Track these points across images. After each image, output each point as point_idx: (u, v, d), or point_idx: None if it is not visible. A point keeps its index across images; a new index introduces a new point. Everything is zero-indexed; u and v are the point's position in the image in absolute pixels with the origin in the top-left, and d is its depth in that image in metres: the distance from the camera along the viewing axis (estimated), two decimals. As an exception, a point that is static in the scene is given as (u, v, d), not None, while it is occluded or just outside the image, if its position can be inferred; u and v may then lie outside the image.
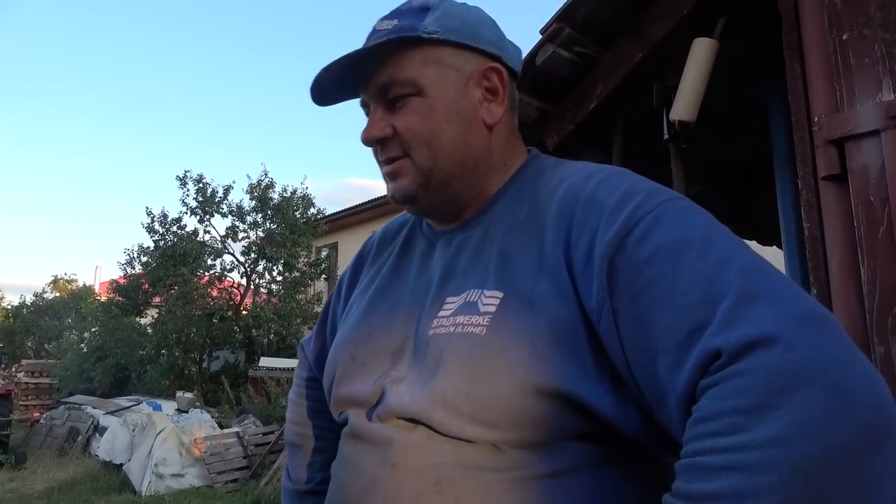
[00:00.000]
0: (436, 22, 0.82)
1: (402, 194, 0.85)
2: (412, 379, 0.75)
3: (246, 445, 8.06)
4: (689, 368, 0.58)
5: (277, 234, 14.42)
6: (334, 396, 0.87)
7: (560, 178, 0.81)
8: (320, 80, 0.84)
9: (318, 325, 1.08)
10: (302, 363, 1.12)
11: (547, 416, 0.67)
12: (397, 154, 0.83)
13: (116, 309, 15.16)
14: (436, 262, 0.86)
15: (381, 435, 0.75)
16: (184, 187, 14.37)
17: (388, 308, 0.86)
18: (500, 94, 0.86)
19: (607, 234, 0.68)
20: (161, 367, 13.81)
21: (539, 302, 0.70)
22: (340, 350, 0.89)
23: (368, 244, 1.05)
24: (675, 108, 2.15)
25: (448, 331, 0.74)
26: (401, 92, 0.82)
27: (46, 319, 24.80)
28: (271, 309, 14.08)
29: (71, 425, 11.08)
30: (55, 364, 16.88)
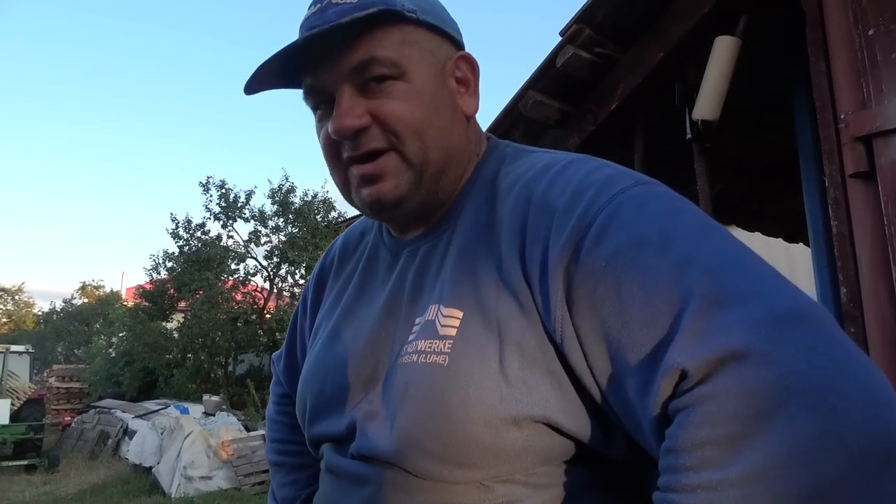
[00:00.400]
0: (410, 1, 0.72)
1: (390, 198, 0.72)
2: (383, 415, 0.68)
3: (272, 448, 8.16)
4: (656, 391, 0.52)
5: (299, 237, 14.54)
6: (309, 434, 0.80)
7: (515, 175, 0.72)
8: (269, 65, 0.71)
9: (287, 342, 1.00)
10: (275, 380, 1.05)
11: (526, 446, 0.61)
12: (380, 146, 0.70)
13: (143, 314, 15.42)
14: (400, 277, 0.77)
15: (359, 473, 0.69)
16: (207, 193, 14.58)
17: (356, 333, 0.77)
18: (471, 84, 0.78)
19: (559, 242, 0.61)
20: (187, 370, 14.01)
21: (504, 322, 0.63)
22: (309, 383, 0.80)
23: (329, 255, 0.94)
24: (698, 107, 2.14)
25: (412, 360, 0.66)
26: (382, 72, 0.70)
27: (76, 325, 25.30)
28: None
29: (101, 429, 11.30)
30: (85, 369, 17.21)
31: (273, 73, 0.73)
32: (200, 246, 14.62)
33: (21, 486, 8.58)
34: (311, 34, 0.68)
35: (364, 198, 0.73)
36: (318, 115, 0.76)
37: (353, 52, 0.70)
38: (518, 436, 0.61)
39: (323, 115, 0.74)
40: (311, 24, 0.70)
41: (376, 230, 0.86)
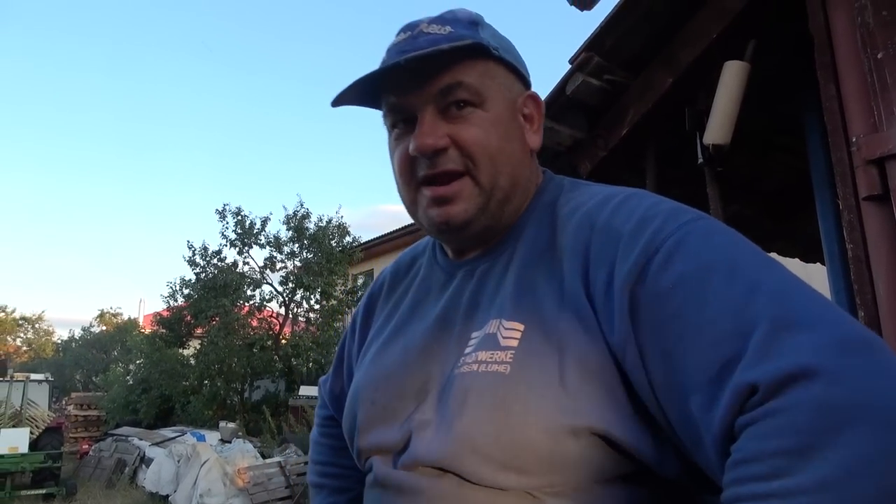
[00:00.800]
0: (493, 39, 0.79)
1: (458, 220, 0.77)
2: (437, 423, 0.70)
3: (288, 475, 8.11)
4: (724, 405, 0.54)
5: (314, 263, 14.62)
6: (357, 445, 0.82)
7: (576, 203, 0.77)
8: (362, 81, 0.76)
9: (334, 365, 1.04)
10: (321, 403, 1.09)
11: (582, 458, 0.63)
12: (455, 169, 0.76)
13: (160, 341, 15.52)
14: (455, 294, 0.80)
15: (409, 484, 0.70)
16: (223, 220, 14.74)
17: (407, 347, 0.81)
18: (535, 121, 0.84)
19: (626, 265, 0.64)
20: (204, 397, 14.04)
21: (564, 336, 0.66)
22: (360, 395, 0.83)
23: (380, 280, 0.99)
24: (709, 131, 2.15)
25: (472, 369, 0.69)
26: (465, 97, 0.76)
27: (94, 353, 25.54)
28: (310, 337, 14.22)
29: (118, 457, 11.31)
30: (103, 396, 17.30)
31: (358, 90, 0.78)
32: (217, 272, 14.73)
33: (39, 516, 8.60)
34: (413, 56, 0.73)
35: (433, 218, 0.78)
36: (395, 133, 0.81)
37: (441, 77, 0.75)
38: (574, 446, 0.63)
39: (400, 135, 0.80)
40: (403, 49, 0.76)
41: (429, 253, 0.92)
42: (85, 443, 14.88)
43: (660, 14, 2.22)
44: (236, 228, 14.74)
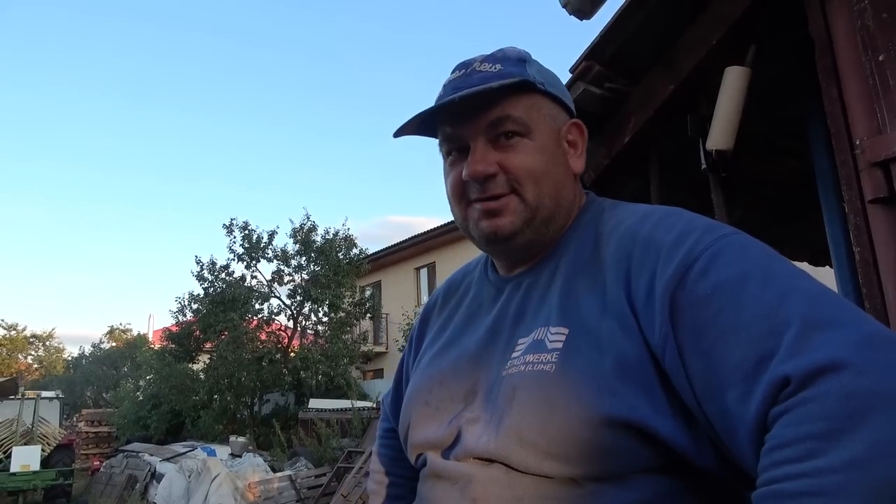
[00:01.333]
0: (539, 74, 0.88)
1: (504, 231, 0.85)
2: (486, 419, 0.77)
3: (298, 488, 8.10)
4: (759, 398, 0.59)
5: (322, 275, 14.67)
6: (411, 441, 0.89)
7: (617, 219, 0.84)
8: (420, 116, 0.86)
9: (395, 379, 1.13)
10: (382, 416, 1.17)
11: (620, 447, 0.68)
12: (502, 191, 0.84)
13: (170, 356, 15.57)
14: (504, 306, 0.88)
15: (460, 471, 0.77)
16: (230, 235, 14.83)
17: (459, 355, 0.89)
18: (579, 147, 0.92)
19: (667, 272, 0.71)
20: (214, 411, 14.06)
21: (605, 339, 0.72)
22: (414, 397, 0.91)
23: (434, 296, 1.09)
24: (711, 137, 2.14)
25: (519, 370, 0.76)
26: (513, 129, 0.84)
27: (104, 369, 25.63)
28: (318, 350, 14.24)
29: (129, 473, 11.33)
30: (113, 412, 17.36)
31: (416, 123, 0.88)
32: (225, 287, 14.81)
33: (51, 533, 8.61)
34: (467, 94, 0.82)
35: (483, 229, 0.86)
36: (450, 160, 0.90)
37: (491, 111, 0.84)
38: (613, 436, 0.68)
39: (454, 161, 0.89)
40: (458, 86, 0.85)
41: (480, 270, 1.01)
42: (96, 459, 14.92)
43: (659, 21, 2.22)
44: (244, 243, 14.82)
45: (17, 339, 32.58)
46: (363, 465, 7.63)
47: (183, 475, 8.51)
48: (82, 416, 18.40)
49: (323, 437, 9.53)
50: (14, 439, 10.82)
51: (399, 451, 1.06)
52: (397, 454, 1.06)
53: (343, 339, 14.83)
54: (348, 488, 7.41)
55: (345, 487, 7.48)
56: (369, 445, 8.05)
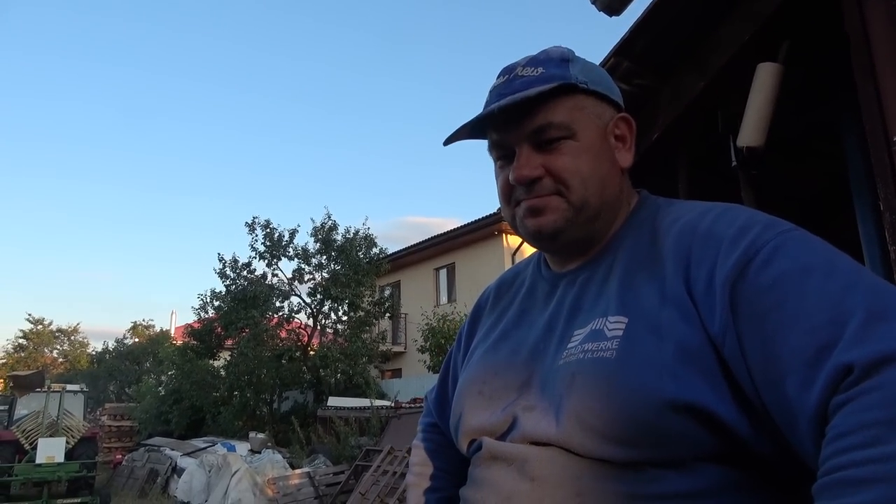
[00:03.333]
0: (581, 73, 0.88)
1: (549, 229, 0.87)
2: (543, 407, 0.79)
3: (317, 485, 8.14)
4: (820, 386, 0.60)
5: (342, 274, 14.75)
6: (463, 428, 0.91)
7: (675, 215, 0.86)
8: (467, 123, 0.89)
9: (440, 375, 1.16)
10: (425, 411, 1.20)
11: (683, 432, 0.69)
12: (548, 192, 0.86)
13: (191, 352, 15.76)
14: (560, 301, 0.90)
15: (518, 452, 0.78)
16: (252, 233, 14.96)
17: (513, 348, 0.91)
18: (627, 141, 0.92)
19: (728, 263, 0.72)
20: (234, 408, 14.19)
21: (666, 327, 0.73)
22: (467, 388, 0.93)
23: (485, 296, 1.11)
24: (742, 133, 2.11)
25: (577, 357, 0.77)
26: (556, 135, 0.86)
27: (127, 364, 26.01)
28: (338, 349, 14.31)
29: (151, 467, 11.49)
30: (135, 407, 17.60)
31: (466, 130, 0.91)
32: (246, 284, 14.94)
33: (74, 524, 8.75)
34: (504, 104, 0.84)
35: (529, 227, 0.89)
36: (499, 164, 0.93)
37: (534, 117, 0.86)
38: (676, 421, 0.69)
39: (503, 165, 0.91)
40: (501, 93, 0.87)
41: (533, 267, 1.02)
42: (118, 453, 15.14)
43: (690, 17, 2.20)
44: (265, 241, 14.94)
45: (43, 333, 33.21)
46: (381, 463, 7.65)
47: (203, 470, 8.60)
48: (105, 410, 18.69)
49: (341, 435, 9.57)
50: (40, 431, 10.98)
51: (440, 444, 1.10)
52: (438, 448, 1.09)
53: (362, 338, 14.89)
54: (366, 486, 7.44)
55: (363, 485, 7.50)
56: (387, 444, 8.07)
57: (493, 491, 0.79)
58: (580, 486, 0.72)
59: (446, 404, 1.08)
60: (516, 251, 16.76)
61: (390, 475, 7.33)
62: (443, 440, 1.11)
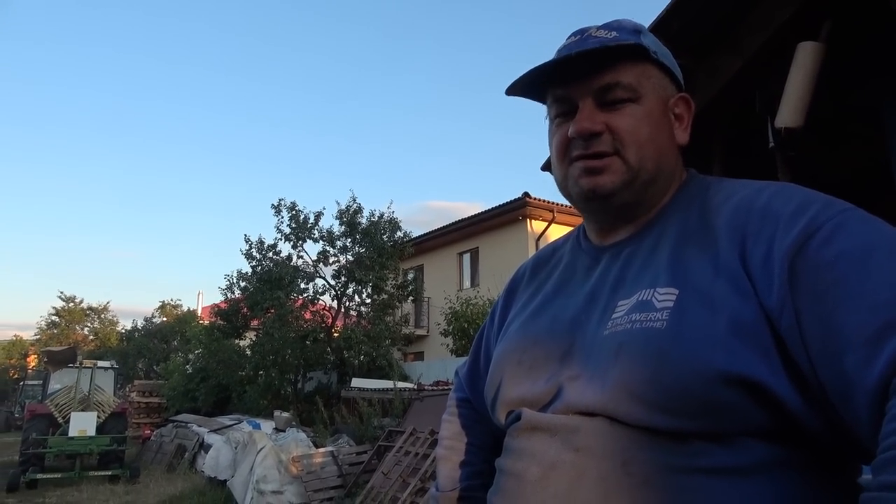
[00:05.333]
0: (653, 44, 0.90)
1: (603, 189, 0.87)
2: (588, 376, 0.78)
3: (340, 464, 8.25)
4: (882, 364, 0.60)
5: (366, 257, 14.81)
6: (502, 398, 0.90)
7: (728, 192, 0.85)
8: (533, 72, 0.88)
9: (472, 350, 1.16)
10: (456, 386, 1.20)
11: (733, 405, 0.69)
12: (606, 150, 0.86)
13: (218, 332, 16.00)
14: (602, 273, 0.90)
15: (561, 423, 0.78)
16: (278, 215, 15.07)
17: (553, 318, 0.91)
18: (685, 120, 0.93)
19: (787, 239, 0.72)
20: (259, 387, 14.41)
21: (719, 299, 0.73)
22: (505, 358, 0.93)
23: (521, 271, 1.11)
24: (781, 114, 2.07)
25: (624, 327, 0.77)
26: (622, 95, 0.86)
27: (155, 342, 26.53)
28: (361, 331, 14.42)
29: (179, 442, 11.75)
30: (163, 384, 17.99)
31: (528, 82, 0.91)
32: (272, 266, 15.09)
33: (105, 496, 9.00)
34: (583, 50, 0.85)
35: (583, 186, 0.88)
36: (557, 121, 0.92)
37: (603, 74, 0.86)
38: (727, 393, 0.68)
39: (561, 122, 0.91)
40: (572, 49, 0.88)
41: (573, 242, 1.03)
42: (147, 428, 15.51)
43: (728, -4, 2.15)
44: (291, 223, 15.05)
45: (74, 310, 33.99)
46: (404, 444, 7.73)
47: (230, 446, 8.76)
48: (134, 386, 19.14)
49: (364, 415, 9.68)
50: (72, 405, 11.30)
51: (471, 419, 1.11)
52: (470, 423, 1.10)
53: (385, 320, 14.98)
54: (389, 466, 7.52)
55: (385, 465, 7.59)
56: (410, 425, 8.14)
57: (535, 461, 0.79)
58: (626, 456, 0.71)
59: (478, 379, 1.09)
60: (540, 236, 16.68)
61: (412, 456, 7.39)
62: (474, 415, 1.12)
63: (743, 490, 0.68)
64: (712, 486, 0.68)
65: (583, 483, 0.73)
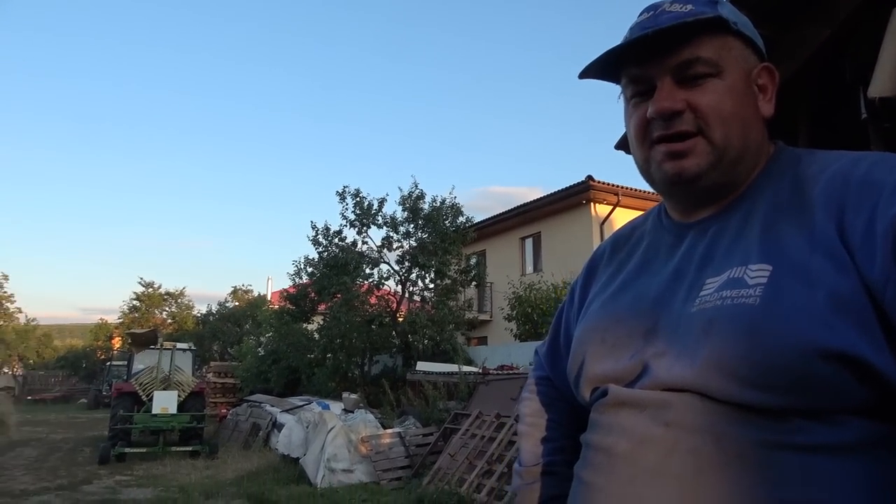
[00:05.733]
0: (731, 14, 0.86)
1: (689, 174, 0.85)
2: (675, 352, 0.77)
3: (407, 445, 8.42)
4: None
5: (429, 242, 14.93)
6: (586, 376, 0.91)
7: (822, 164, 0.83)
8: (609, 54, 0.86)
9: (552, 329, 1.17)
10: (536, 365, 1.22)
11: (831, 381, 0.67)
12: (688, 130, 0.84)
13: (287, 316, 16.52)
14: (688, 251, 0.88)
15: (651, 398, 0.78)
16: (343, 202, 15.37)
17: (636, 297, 0.90)
18: (769, 91, 0.90)
19: (891, 210, 0.69)
20: (327, 369, 14.82)
21: (816, 275, 0.71)
22: (588, 336, 0.93)
23: (600, 251, 1.10)
24: (875, 83, 1.96)
25: (714, 304, 0.76)
26: (703, 70, 0.84)
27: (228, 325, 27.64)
28: (425, 315, 14.58)
29: (253, 421, 12.23)
30: (237, 366, 18.73)
31: (601, 64, 0.88)
32: (338, 252, 15.43)
33: (187, 470, 9.49)
34: (660, 28, 0.82)
35: (667, 171, 0.86)
36: (633, 102, 0.90)
37: (681, 50, 0.84)
38: (825, 370, 0.67)
39: (638, 103, 0.89)
40: (646, 26, 0.86)
41: (654, 220, 1.01)
42: (223, 407, 16.23)
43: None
44: (355, 209, 15.32)
45: (153, 295, 35.76)
46: (469, 427, 7.80)
47: (301, 426, 9.06)
48: (210, 367, 20.00)
49: (430, 398, 9.81)
50: (155, 384, 11.93)
51: (552, 397, 1.12)
52: (551, 400, 1.11)
53: (449, 305, 15.09)
54: (455, 448, 7.62)
55: (452, 447, 7.69)
56: (475, 409, 8.20)
57: (624, 436, 0.79)
58: (718, 432, 0.71)
59: (558, 357, 1.10)
60: (604, 221, 16.38)
61: (479, 438, 7.46)
62: (554, 392, 1.12)
63: (845, 468, 0.67)
64: (811, 463, 0.67)
65: (674, 457, 0.72)
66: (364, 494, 7.11)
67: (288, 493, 7.22)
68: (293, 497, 7.05)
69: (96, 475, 9.30)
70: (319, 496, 7.07)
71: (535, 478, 1.04)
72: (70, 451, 12.06)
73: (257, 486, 7.70)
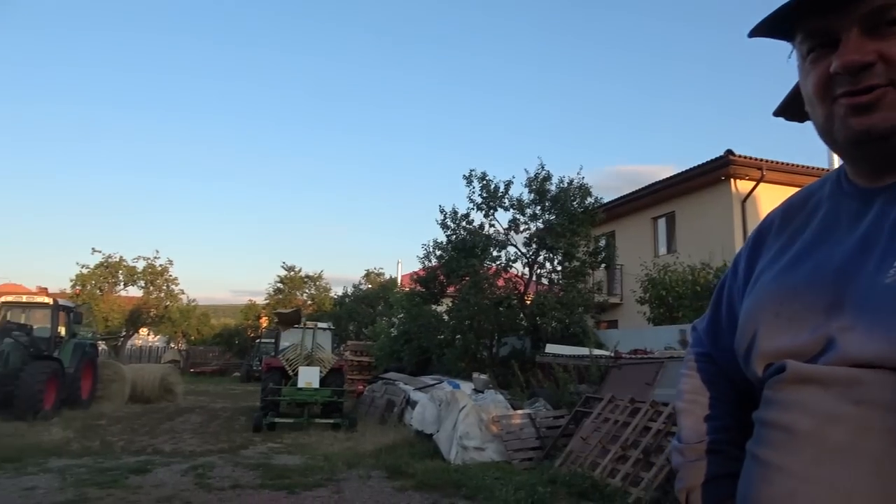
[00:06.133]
0: None
1: (878, 130, 0.78)
2: (866, 326, 0.73)
3: (538, 427, 8.43)
4: None
5: (556, 224, 14.75)
6: (758, 351, 0.87)
7: None
8: (789, 7, 0.81)
9: (712, 304, 1.14)
10: (694, 341, 1.19)
11: None
12: (879, 83, 0.77)
13: (418, 298, 17.06)
14: (877, 218, 0.82)
15: (838, 375, 0.74)
16: (470, 185, 15.54)
17: (815, 268, 0.85)
18: None
19: None
20: (457, 350, 15.15)
21: None
22: (759, 310, 0.89)
23: (768, 220, 1.06)
24: None
25: None
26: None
27: (363, 307, 29.02)
28: (553, 298, 14.45)
29: (388, 398, 12.80)
30: (372, 345, 19.68)
31: (774, 19, 0.83)
32: (466, 235, 15.65)
33: (330, 441, 10.15)
34: None
35: (854, 127, 0.79)
36: (811, 57, 0.84)
37: None
38: None
39: (816, 58, 0.83)
40: None
41: (831, 186, 0.94)
42: (360, 384, 17.14)
43: None
44: (482, 192, 15.44)
45: (294, 278, 38.26)
46: (602, 411, 7.68)
47: (434, 404, 9.36)
48: (347, 346, 21.17)
49: (560, 381, 9.74)
50: (299, 360, 12.86)
51: (713, 374, 1.08)
52: (712, 377, 1.07)
53: (577, 287, 14.86)
54: (587, 432, 7.53)
55: (584, 431, 7.61)
56: (608, 392, 8.05)
57: (807, 413, 0.75)
58: None
59: (721, 333, 1.06)
60: (746, 198, 15.30)
61: (612, 423, 7.32)
62: (715, 369, 1.08)
63: None
64: None
65: (868, 436, 0.69)
66: (496, 472, 7.22)
67: (423, 468, 7.51)
68: (429, 471, 7.32)
69: (251, 441, 10.20)
70: (453, 471, 7.29)
71: (700, 455, 1.01)
72: (228, 419, 13.30)
73: (394, 459, 8.08)
